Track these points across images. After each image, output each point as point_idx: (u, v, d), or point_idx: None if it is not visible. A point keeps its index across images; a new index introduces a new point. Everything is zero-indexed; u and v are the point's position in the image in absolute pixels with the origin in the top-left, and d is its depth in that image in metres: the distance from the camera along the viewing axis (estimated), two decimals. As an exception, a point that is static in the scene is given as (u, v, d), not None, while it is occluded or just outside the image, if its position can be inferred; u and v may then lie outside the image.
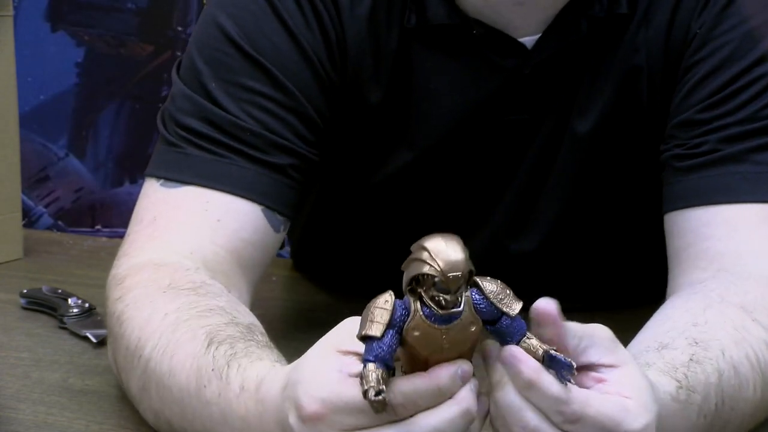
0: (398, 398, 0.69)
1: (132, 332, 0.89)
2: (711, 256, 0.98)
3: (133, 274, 0.95)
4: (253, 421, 0.77)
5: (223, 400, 0.80)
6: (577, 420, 0.70)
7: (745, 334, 0.87)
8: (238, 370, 0.80)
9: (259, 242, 1.02)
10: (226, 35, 1.04)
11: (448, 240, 0.67)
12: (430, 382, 0.69)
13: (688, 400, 0.79)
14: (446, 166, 1.13)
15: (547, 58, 1.07)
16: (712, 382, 0.82)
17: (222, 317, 0.87)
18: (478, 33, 1.05)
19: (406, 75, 1.08)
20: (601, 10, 1.05)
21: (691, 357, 0.82)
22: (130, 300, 0.92)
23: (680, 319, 0.89)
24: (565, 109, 1.10)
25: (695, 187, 1.01)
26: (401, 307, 0.69)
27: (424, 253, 0.67)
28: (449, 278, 0.66)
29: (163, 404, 0.86)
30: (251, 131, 1.02)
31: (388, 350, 0.68)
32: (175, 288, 0.91)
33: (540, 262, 1.17)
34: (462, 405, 0.69)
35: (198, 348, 0.83)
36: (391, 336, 0.68)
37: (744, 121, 1.01)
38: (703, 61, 1.04)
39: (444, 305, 0.68)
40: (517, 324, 0.70)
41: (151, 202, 1.03)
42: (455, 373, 0.69)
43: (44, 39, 2.11)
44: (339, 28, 1.06)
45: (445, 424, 0.69)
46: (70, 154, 2.15)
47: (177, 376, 0.84)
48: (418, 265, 0.67)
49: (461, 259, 0.66)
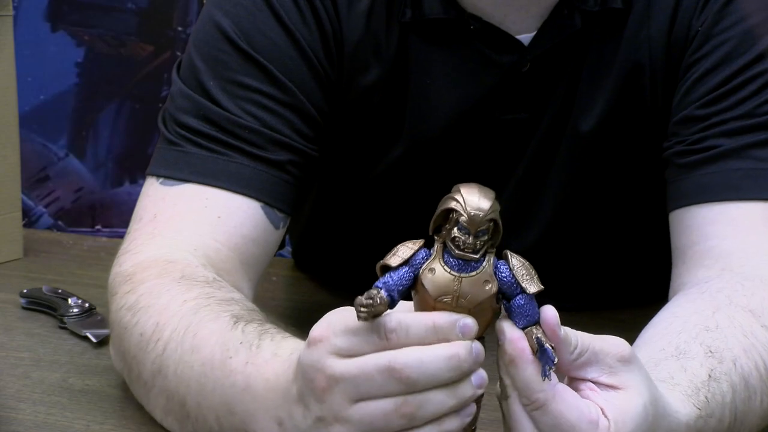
0: (391, 321, 0.70)
1: (148, 319, 0.89)
2: (716, 254, 0.98)
3: (141, 270, 0.95)
4: (280, 382, 0.77)
5: (250, 366, 0.80)
6: (538, 408, 0.70)
7: (754, 341, 0.87)
8: (272, 340, 0.81)
9: (260, 239, 1.02)
10: (223, 33, 1.05)
11: (482, 189, 0.71)
12: (426, 317, 0.70)
13: (704, 427, 0.79)
14: (445, 163, 1.13)
15: (544, 54, 1.07)
16: (728, 401, 0.82)
17: (242, 306, 0.89)
18: (474, 28, 1.06)
19: (403, 70, 1.09)
20: (595, 5, 1.05)
21: (710, 374, 0.82)
22: (143, 290, 0.92)
23: (690, 320, 0.88)
24: (565, 107, 1.10)
25: (698, 184, 1.01)
26: (425, 253, 0.71)
27: (456, 193, 0.70)
28: (471, 216, 0.69)
29: (179, 382, 0.85)
30: (249, 128, 1.02)
31: (397, 281, 0.70)
32: (190, 279, 0.92)
33: (540, 260, 1.16)
34: (453, 348, 0.69)
35: (224, 325, 0.84)
36: (405, 271, 0.71)
37: (743, 116, 1.01)
38: (704, 59, 1.04)
39: (462, 246, 0.69)
40: (529, 308, 0.71)
41: (151, 200, 1.03)
42: (455, 321, 0.70)
43: (44, 39, 2.11)
44: (336, 24, 1.06)
45: (430, 359, 0.69)
46: (70, 154, 2.15)
47: (200, 351, 0.84)
48: (447, 201, 0.71)
49: (488, 205, 0.69)
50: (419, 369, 0.69)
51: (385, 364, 0.69)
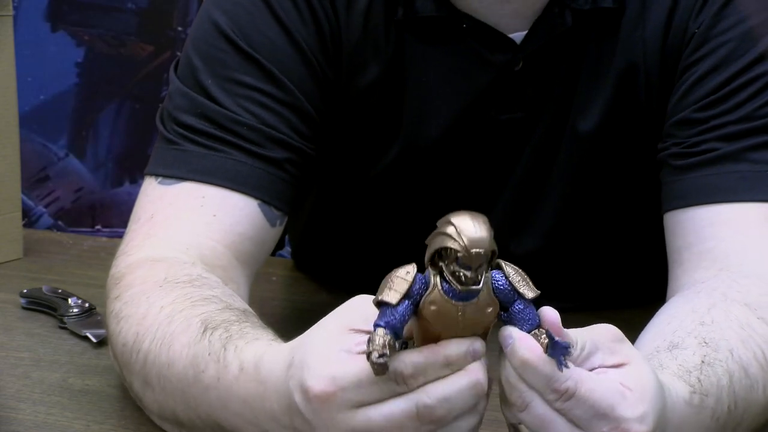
0: (407, 368, 0.69)
1: (129, 329, 0.89)
2: (714, 256, 0.98)
3: (130, 272, 0.95)
4: (255, 403, 0.77)
5: (222, 383, 0.80)
6: (570, 396, 0.70)
7: (751, 332, 0.87)
8: (235, 351, 0.80)
9: (256, 237, 1.02)
10: (220, 31, 1.05)
11: (475, 217, 0.67)
12: (439, 351, 0.69)
13: (701, 405, 0.79)
14: (442, 163, 1.13)
15: (537, 52, 1.07)
16: (724, 384, 0.82)
17: (216, 305, 0.88)
18: (467, 26, 1.06)
19: (401, 70, 1.09)
20: (586, 3, 1.06)
21: (702, 359, 0.82)
22: (127, 298, 0.92)
23: (686, 318, 0.89)
24: (563, 107, 1.10)
25: (695, 186, 1.01)
26: (421, 281, 0.69)
27: (449, 227, 0.67)
28: (472, 255, 0.66)
29: (165, 395, 0.86)
30: (247, 125, 1.02)
31: (401, 319, 0.68)
32: (171, 282, 0.92)
33: (541, 261, 1.17)
34: (472, 376, 0.69)
35: (193, 336, 0.83)
36: (405, 306, 0.69)
37: (742, 119, 1.01)
38: (702, 61, 1.04)
39: (464, 281, 0.68)
40: (529, 313, 0.70)
41: (149, 200, 1.03)
42: (466, 349, 0.69)
43: (44, 39, 2.11)
44: (335, 23, 1.07)
45: (455, 393, 0.69)
46: (70, 154, 2.15)
47: (175, 366, 0.84)
48: (443, 239, 0.67)
49: (486, 237, 0.67)
50: (447, 406, 0.69)
51: (413, 410, 0.69)
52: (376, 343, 0.67)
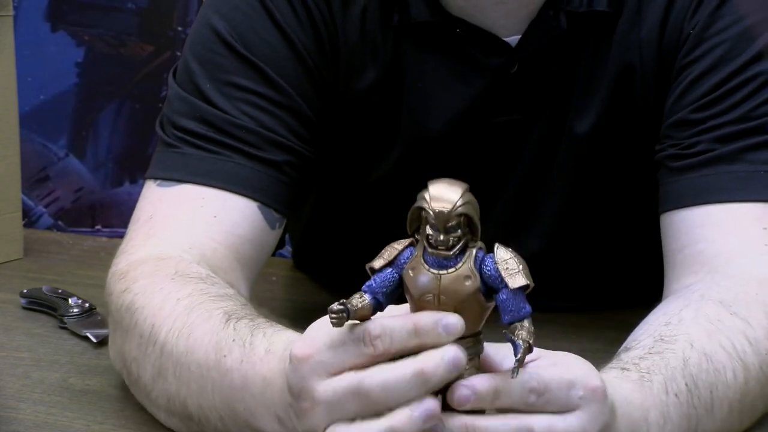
0: (375, 328, 0.69)
1: (145, 320, 0.89)
2: (703, 259, 0.98)
3: (134, 268, 0.96)
4: (276, 381, 0.77)
5: (245, 364, 0.80)
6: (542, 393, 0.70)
7: (720, 326, 0.88)
8: (264, 336, 0.81)
9: (256, 239, 1.02)
10: (218, 35, 1.05)
11: (451, 183, 0.69)
12: (410, 318, 0.69)
13: (642, 379, 0.79)
14: (442, 166, 1.12)
15: (532, 55, 1.07)
16: (675, 365, 0.82)
17: (235, 302, 0.89)
18: (461, 31, 1.06)
19: (398, 74, 1.09)
20: (580, 5, 1.06)
21: (648, 351, 0.83)
22: (138, 289, 0.92)
23: (655, 322, 0.90)
24: (560, 109, 1.10)
25: (689, 187, 1.01)
26: (410, 251, 0.70)
27: (425, 191, 0.69)
28: (436, 213, 0.67)
29: (180, 385, 0.85)
30: (246, 128, 1.02)
31: (381, 283, 0.70)
32: (183, 275, 0.92)
33: (541, 262, 1.17)
34: (417, 365, 0.68)
35: (216, 324, 0.84)
36: (388, 273, 0.70)
37: (738, 120, 1.01)
38: (697, 61, 1.04)
39: (434, 244, 0.68)
40: (513, 303, 0.69)
41: (149, 201, 1.04)
42: (437, 320, 0.68)
43: (44, 39, 2.11)
44: (332, 26, 1.07)
45: (394, 380, 0.68)
46: (70, 154, 2.15)
47: (195, 353, 0.84)
48: (418, 199, 0.69)
49: (452, 198, 0.67)
50: (384, 393, 0.68)
51: (354, 387, 0.69)
52: (347, 301, 0.68)
